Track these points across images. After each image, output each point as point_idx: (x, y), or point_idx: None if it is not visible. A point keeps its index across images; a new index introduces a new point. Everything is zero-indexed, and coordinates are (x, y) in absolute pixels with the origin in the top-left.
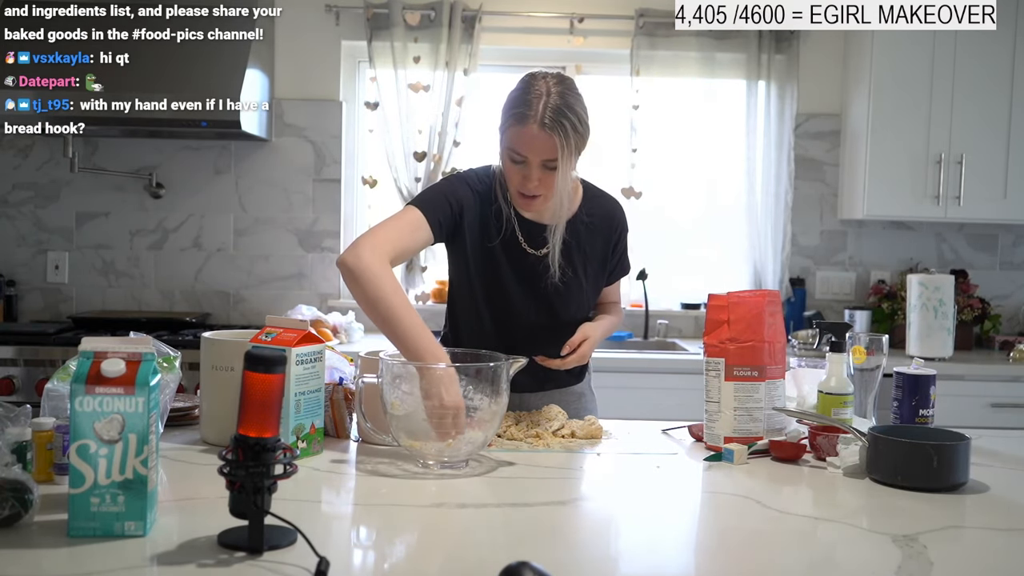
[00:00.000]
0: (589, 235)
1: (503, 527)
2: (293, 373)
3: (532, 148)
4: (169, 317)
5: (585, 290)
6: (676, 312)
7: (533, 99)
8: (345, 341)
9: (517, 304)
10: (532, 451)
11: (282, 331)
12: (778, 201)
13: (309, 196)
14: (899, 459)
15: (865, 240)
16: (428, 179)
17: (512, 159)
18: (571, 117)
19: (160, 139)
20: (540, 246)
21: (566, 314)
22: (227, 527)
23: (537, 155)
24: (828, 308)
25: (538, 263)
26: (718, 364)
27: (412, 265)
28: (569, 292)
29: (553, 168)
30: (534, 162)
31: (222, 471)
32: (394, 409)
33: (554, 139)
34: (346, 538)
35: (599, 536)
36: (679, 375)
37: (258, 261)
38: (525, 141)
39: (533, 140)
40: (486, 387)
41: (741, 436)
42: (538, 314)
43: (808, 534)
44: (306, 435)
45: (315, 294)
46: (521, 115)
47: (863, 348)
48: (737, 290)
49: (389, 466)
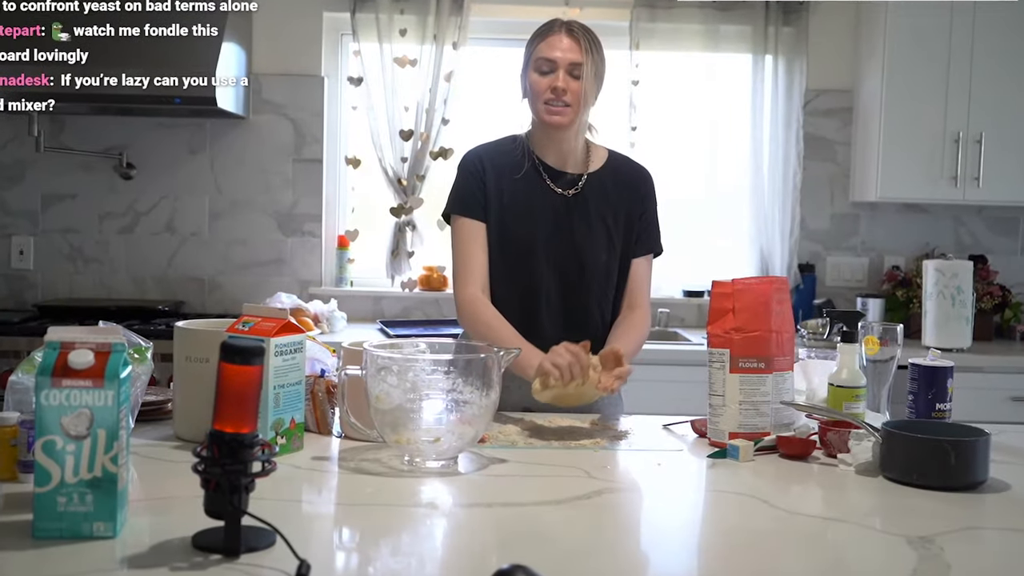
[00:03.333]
0: (616, 188)
1: (495, 528)
2: (272, 365)
3: (560, 51)
4: (140, 305)
5: (613, 241)
6: (678, 300)
7: (556, 21)
8: (327, 331)
9: (543, 248)
10: (526, 448)
11: (260, 320)
12: (786, 182)
13: (289, 177)
14: (914, 456)
15: (878, 224)
16: (415, 159)
17: (540, 70)
18: (592, 35)
19: (131, 117)
20: (566, 188)
21: (593, 263)
22: (202, 528)
23: (565, 58)
24: (839, 296)
25: (565, 204)
26: (722, 355)
27: (398, 250)
28: (596, 238)
29: (577, 76)
30: (561, 66)
31: (196, 469)
32: (379, 403)
33: (580, 43)
34: (328, 540)
35: (596, 537)
36: (681, 367)
37: (235, 246)
38: (552, 45)
39: (560, 43)
40: (476, 380)
41: (747, 432)
42: (564, 260)
43: (818, 535)
44: (286, 431)
45: (295, 281)
46: (546, 28)
47: (876, 338)
48: (743, 277)
49: (374, 464)
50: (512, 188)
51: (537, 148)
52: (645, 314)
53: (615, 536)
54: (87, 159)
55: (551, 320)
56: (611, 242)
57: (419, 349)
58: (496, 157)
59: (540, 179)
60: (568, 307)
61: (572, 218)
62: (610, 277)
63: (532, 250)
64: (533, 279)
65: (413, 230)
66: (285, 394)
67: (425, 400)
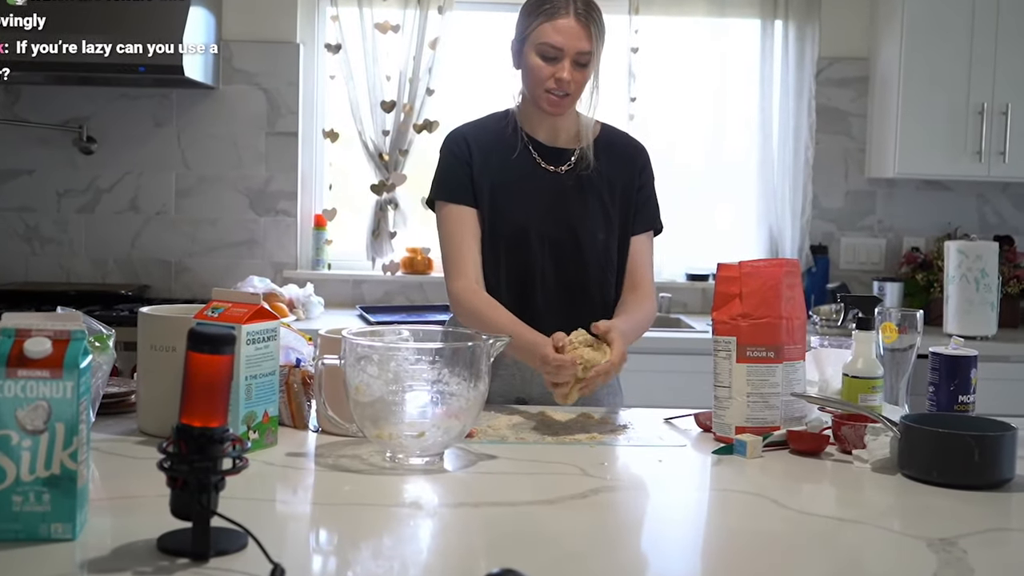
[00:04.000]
0: (610, 161)
1: (484, 530)
2: (243, 354)
3: (568, 38)
4: (102, 290)
5: (611, 218)
6: (680, 284)
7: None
8: (303, 317)
9: (537, 229)
10: (517, 443)
11: (231, 306)
12: (797, 157)
13: (262, 151)
14: (935, 452)
15: (896, 202)
16: (397, 132)
17: (544, 56)
18: (599, 12)
19: (92, 87)
20: (558, 165)
21: (590, 242)
22: (168, 530)
23: (574, 46)
24: (854, 279)
25: (558, 182)
26: (729, 343)
27: (380, 231)
28: (592, 215)
29: (584, 64)
30: (568, 55)
31: (162, 466)
32: (359, 395)
33: (590, 29)
34: (303, 542)
35: (593, 540)
36: (684, 356)
37: (203, 226)
38: (559, 30)
39: (569, 30)
40: (463, 370)
41: (755, 426)
42: (560, 240)
43: (831, 538)
44: (258, 425)
45: (269, 263)
46: (552, 9)
47: (894, 325)
48: (750, 259)
49: (353, 460)
50: (502, 168)
51: (527, 124)
52: (648, 295)
53: (613, 538)
54: (44, 132)
55: (548, 304)
56: (608, 219)
57: (402, 337)
58: (483, 136)
59: (530, 157)
60: (565, 290)
61: (566, 196)
62: (609, 256)
63: (525, 232)
64: (528, 262)
65: (395, 209)
66: (258, 385)
67: (408, 392)
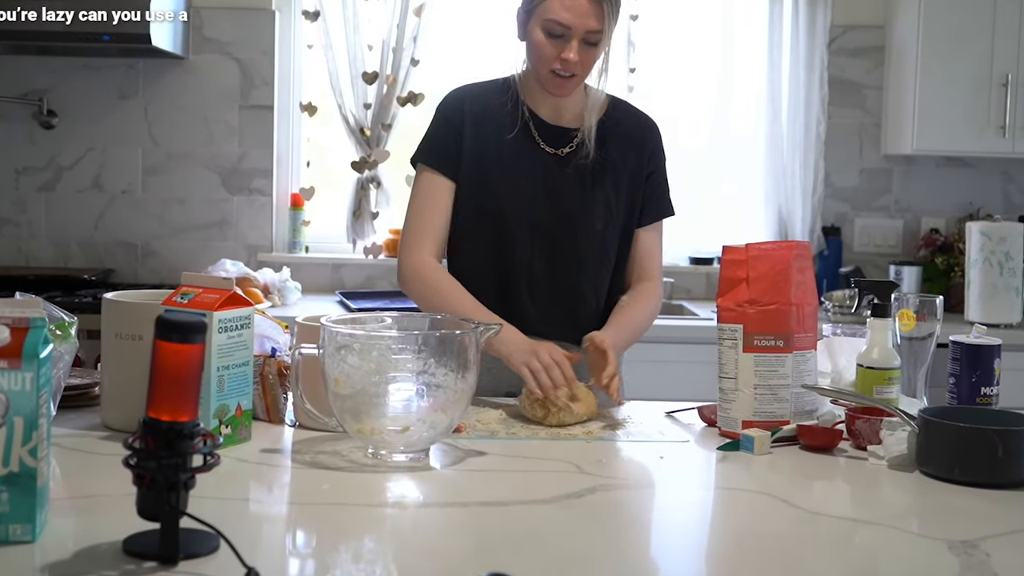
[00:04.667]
0: (617, 144)
1: (472, 531)
2: (215, 343)
3: (577, 16)
4: (63, 274)
5: (612, 209)
6: (683, 268)
7: None
8: (279, 304)
9: (528, 215)
10: (509, 439)
11: (201, 291)
12: (808, 133)
13: (234, 126)
14: (956, 448)
15: (914, 180)
16: (380, 105)
17: (550, 32)
18: None
19: (52, 56)
20: (559, 146)
21: (586, 234)
22: (134, 531)
23: (583, 24)
24: (869, 263)
25: (556, 164)
26: (735, 332)
27: (361, 211)
28: (591, 204)
29: (594, 43)
30: (577, 34)
31: (128, 463)
32: (338, 387)
33: (602, 6)
34: (279, 545)
35: (590, 542)
36: (687, 345)
37: (172, 205)
38: (569, 8)
39: (578, 7)
40: (450, 360)
41: (763, 420)
42: (553, 230)
43: (845, 540)
44: (231, 419)
45: (242, 246)
46: None
47: (912, 312)
48: (758, 241)
49: (332, 457)
50: (496, 143)
51: (529, 98)
52: (654, 290)
53: (611, 540)
54: (1, 106)
55: (535, 302)
56: (609, 209)
57: (385, 324)
58: (481, 105)
59: (529, 134)
60: (556, 286)
61: (563, 180)
62: (606, 251)
63: (515, 217)
64: (515, 252)
65: (378, 187)
66: (230, 377)
67: (392, 384)
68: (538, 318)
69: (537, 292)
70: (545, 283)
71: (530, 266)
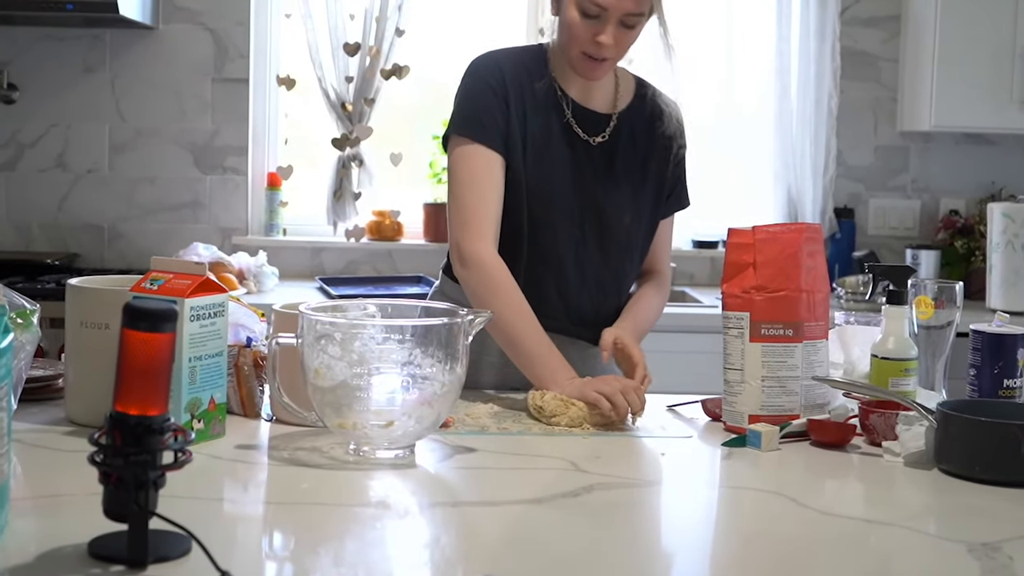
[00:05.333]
0: (647, 135)
1: (461, 533)
2: (187, 332)
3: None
4: (25, 259)
5: (640, 201)
6: (686, 252)
7: None
8: (255, 290)
9: (558, 205)
10: (500, 434)
11: (172, 277)
12: (819, 108)
13: (207, 101)
14: (977, 444)
15: (933, 158)
16: (363, 79)
17: (585, 12)
18: None
19: (13, 26)
20: (592, 132)
21: (616, 226)
22: (101, 532)
23: (620, 6)
24: (885, 247)
25: (587, 152)
26: (741, 320)
27: (342, 192)
28: (621, 196)
29: (631, 26)
30: (613, 16)
31: (94, 460)
32: (318, 379)
33: None
34: (255, 547)
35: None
36: (689, 334)
37: (141, 186)
38: None
39: None
40: (438, 350)
41: (771, 414)
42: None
43: (858, 542)
44: (203, 413)
45: (215, 228)
46: None
47: (930, 299)
48: (766, 224)
49: (311, 453)
50: (532, 121)
51: (559, 75)
52: (664, 283)
53: (609, 542)
54: None
55: (561, 296)
56: (636, 201)
57: (367, 312)
58: (518, 76)
59: (562, 116)
60: (583, 280)
61: (594, 170)
62: (632, 247)
63: (545, 204)
64: (539, 242)
65: (360, 166)
66: (203, 368)
67: (375, 375)
68: (563, 313)
69: (564, 286)
70: (572, 277)
71: (556, 257)
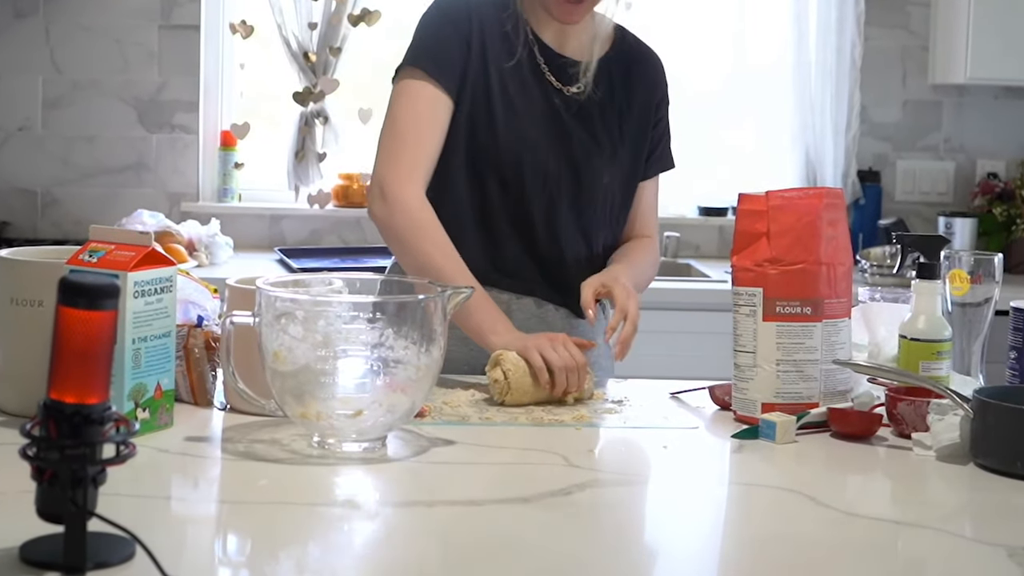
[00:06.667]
0: (626, 87)
1: (438, 535)
2: (130, 310)
3: None
4: None
5: (618, 157)
6: (691, 221)
7: None
8: (206, 263)
9: (530, 160)
10: (482, 425)
11: (114, 248)
12: (841, 58)
13: (153, 50)
14: (1018, 436)
15: (968, 115)
16: (327, 25)
17: None
18: None
19: None
20: (566, 82)
21: (592, 184)
22: (34, 535)
23: None
24: (914, 214)
25: (563, 103)
26: (753, 296)
27: (305, 152)
28: (599, 152)
29: None
30: None
31: (26, 454)
32: (278, 362)
33: None
34: (207, 552)
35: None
36: (695, 312)
37: (78, 145)
38: None
39: None
40: (412, 331)
41: (787, 402)
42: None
43: (885, 546)
44: (149, 401)
45: (163, 193)
46: None
47: (965, 273)
48: (781, 188)
49: (270, 446)
50: (498, 68)
51: (532, 18)
52: (654, 244)
53: (604, 547)
54: None
55: (532, 262)
56: (615, 159)
57: (333, 288)
58: (483, 16)
59: (534, 63)
60: (554, 246)
61: (570, 123)
62: (610, 204)
63: (516, 158)
64: (511, 205)
65: (325, 123)
66: (148, 351)
67: (342, 359)
68: (532, 273)
69: (534, 252)
70: (543, 242)
71: (528, 222)
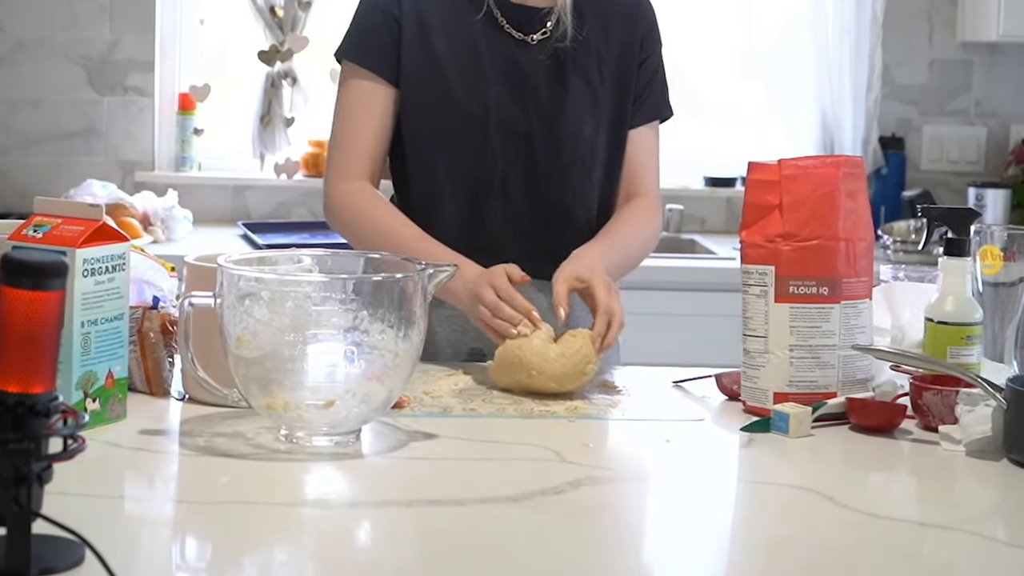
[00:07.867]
0: (601, 26)
1: (417, 538)
2: (79, 290)
3: None
4: None
5: (601, 105)
6: (696, 192)
7: None
8: (163, 239)
9: (497, 119)
10: (466, 416)
11: (61, 223)
12: (861, 14)
13: (104, 5)
14: None
15: (1001, 76)
16: None
17: None
18: None
19: None
20: (528, 31)
21: (570, 138)
22: None
23: None
24: (942, 185)
25: (527, 53)
26: (764, 275)
27: (271, 117)
28: (576, 102)
29: None
30: None
31: None
32: (242, 348)
33: None
34: (163, 556)
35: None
36: (701, 293)
37: (22, 110)
38: None
39: None
40: (389, 313)
41: (802, 392)
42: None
43: (910, 550)
44: (100, 390)
45: (115, 162)
46: None
47: (998, 250)
48: (795, 157)
49: (233, 440)
50: (449, 31)
51: None
52: (652, 204)
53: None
54: None
55: (512, 229)
56: (597, 106)
57: (302, 266)
58: None
59: (492, 18)
60: (536, 207)
61: (537, 72)
62: (596, 157)
63: (483, 122)
64: (484, 165)
65: (293, 85)
66: (99, 335)
67: (312, 344)
68: (516, 249)
69: (514, 217)
70: (523, 204)
71: (503, 184)
